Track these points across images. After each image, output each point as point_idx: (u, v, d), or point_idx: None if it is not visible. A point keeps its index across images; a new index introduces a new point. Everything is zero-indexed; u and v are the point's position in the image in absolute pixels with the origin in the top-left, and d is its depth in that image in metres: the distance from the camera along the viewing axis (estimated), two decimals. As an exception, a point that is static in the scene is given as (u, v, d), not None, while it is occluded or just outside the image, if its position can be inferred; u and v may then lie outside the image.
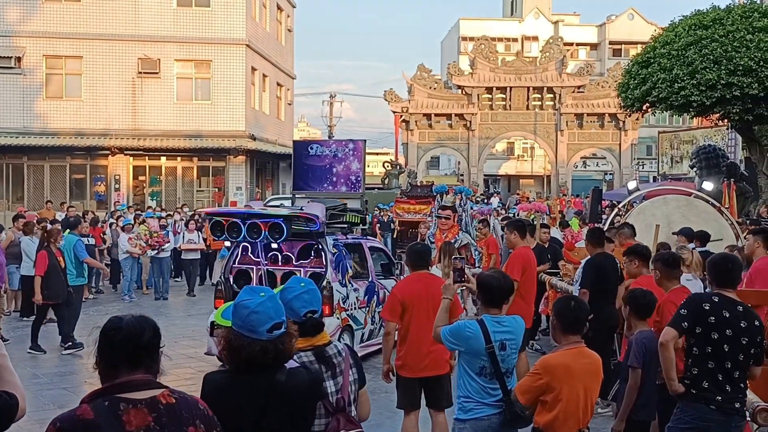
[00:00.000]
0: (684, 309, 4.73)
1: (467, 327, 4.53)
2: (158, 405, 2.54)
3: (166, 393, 2.59)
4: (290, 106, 39.62)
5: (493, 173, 55.78)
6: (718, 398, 4.64)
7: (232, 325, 3.07)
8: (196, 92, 30.29)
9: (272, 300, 3.09)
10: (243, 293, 3.15)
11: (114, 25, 28.85)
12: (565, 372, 4.24)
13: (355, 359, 3.77)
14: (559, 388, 4.21)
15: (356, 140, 12.17)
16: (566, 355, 4.31)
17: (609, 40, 59.75)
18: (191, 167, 30.58)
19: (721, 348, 4.65)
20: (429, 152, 42.80)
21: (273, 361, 3.04)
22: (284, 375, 3.09)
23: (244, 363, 3.04)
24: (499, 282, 4.64)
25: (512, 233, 8.89)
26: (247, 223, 8.78)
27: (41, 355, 10.76)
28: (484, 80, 40.85)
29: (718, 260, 5.04)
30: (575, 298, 4.66)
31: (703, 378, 4.68)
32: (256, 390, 3.02)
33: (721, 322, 4.65)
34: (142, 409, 2.50)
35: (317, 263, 9.74)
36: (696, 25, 16.88)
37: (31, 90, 28.90)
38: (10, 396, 2.75)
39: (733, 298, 4.79)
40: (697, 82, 16.15)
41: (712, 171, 19.14)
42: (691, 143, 31.90)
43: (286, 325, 3.11)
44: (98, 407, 2.47)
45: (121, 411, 2.47)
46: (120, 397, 2.50)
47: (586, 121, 41.21)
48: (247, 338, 3.01)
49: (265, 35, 33.64)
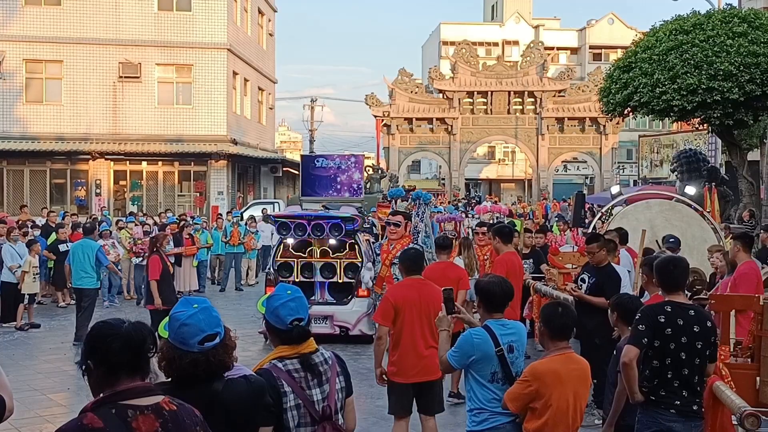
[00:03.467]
0: (641, 324, 4.71)
1: (474, 334, 4.54)
2: (163, 411, 2.54)
3: (167, 400, 2.59)
4: (272, 110, 39.56)
5: (475, 177, 55.91)
6: (677, 402, 4.71)
7: (167, 337, 3.06)
8: (177, 96, 30.15)
9: (205, 312, 3.06)
10: (178, 305, 3.14)
11: (95, 29, 28.67)
12: (555, 378, 4.24)
13: (342, 367, 3.74)
14: (548, 395, 4.21)
15: (357, 154, 14.78)
16: (555, 361, 4.31)
17: (589, 44, 60.13)
18: (172, 172, 30.41)
19: (679, 356, 4.70)
20: (410, 156, 42.82)
21: (204, 374, 3.01)
22: (221, 385, 3.06)
23: (178, 375, 3.02)
24: (501, 287, 4.66)
25: (495, 238, 8.88)
26: (312, 223, 11.25)
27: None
28: (465, 84, 40.95)
29: (662, 265, 4.99)
30: (562, 304, 4.66)
31: (660, 386, 4.73)
32: (195, 402, 2.90)
33: (677, 331, 4.68)
34: (150, 415, 2.50)
35: (352, 255, 11.69)
36: (677, 30, 16.98)
37: (11, 94, 28.65)
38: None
39: (682, 303, 4.82)
40: (678, 86, 16.23)
41: (693, 175, 19.28)
42: (671, 147, 32.12)
43: (222, 336, 3.07)
44: (106, 415, 2.44)
45: (130, 418, 2.45)
46: (126, 404, 2.48)
47: (566, 126, 41.39)
48: (179, 350, 3.00)
49: (246, 39, 33.56)
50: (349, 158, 14.26)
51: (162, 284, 10.83)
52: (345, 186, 13.60)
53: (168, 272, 11.08)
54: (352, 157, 14.42)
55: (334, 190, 13.56)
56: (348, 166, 13.74)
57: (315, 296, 11.67)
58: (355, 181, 13.67)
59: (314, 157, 14.63)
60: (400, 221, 11.18)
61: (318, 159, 14.18)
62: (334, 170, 13.65)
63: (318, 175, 13.70)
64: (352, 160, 14.03)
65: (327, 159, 14.16)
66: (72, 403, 8.49)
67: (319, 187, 13.66)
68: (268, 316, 3.62)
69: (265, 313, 3.65)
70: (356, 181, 13.69)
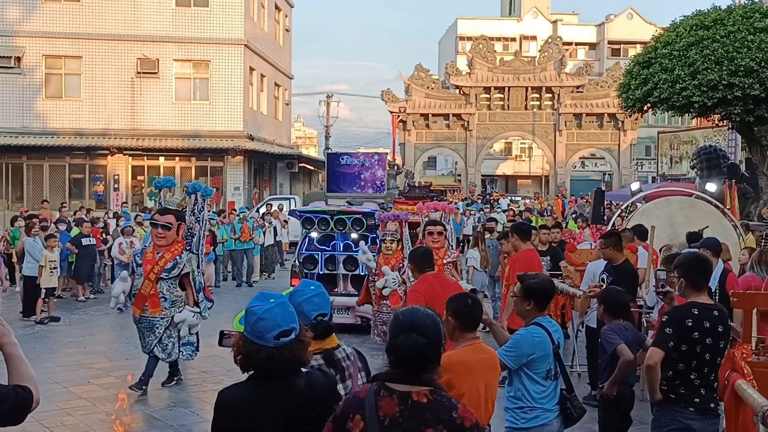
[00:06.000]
0: (669, 328, 4.68)
1: (533, 333, 4.62)
2: (408, 400, 2.78)
3: (424, 392, 2.80)
4: (288, 106, 39.59)
5: (491, 173, 55.78)
6: (696, 400, 4.72)
7: (243, 331, 3.05)
8: (194, 92, 30.27)
9: (281, 306, 3.04)
10: (254, 299, 3.12)
11: (113, 25, 28.82)
12: (465, 369, 4.23)
13: (363, 363, 3.76)
14: (459, 385, 4.18)
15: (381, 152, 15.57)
16: (464, 351, 4.30)
17: (608, 39, 59.79)
18: (189, 167, 30.53)
19: (703, 358, 4.70)
20: (426, 152, 42.77)
21: (279, 368, 2.99)
22: (302, 380, 3.06)
23: (255, 370, 3.02)
24: (552, 285, 4.90)
25: (514, 236, 8.86)
26: (334, 218, 11.66)
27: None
28: (482, 80, 40.83)
29: (693, 262, 4.93)
30: (470, 296, 4.60)
31: (681, 385, 4.73)
32: (276, 399, 2.98)
33: (703, 333, 4.67)
34: (394, 399, 2.78)
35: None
36: (697, 26, 16.84)
37: (31, 90, 28.86)
38: (24, 389, 2.76)
39: (707, 304, 4.80)
40: (699, 82, 16.11)
41: (713, 172, 19.10)
42: (690, 144, 31.87)
43: (297, 332, 3.06)
44: (369, 389, 2.85)
45: (381, 396, 2.80)
46: (385, 384, 2.82)
47: (584, 121, 41.18)
48: (255, 345, 2.98)
49: (263, 35, 33.61)
50: (373, 156, 14.79)
51: None
52: (368, 183, 14.00)
53: None
54: (376, 155, 14.96)
55: (357, 186, 13.97)
56: (372, 163, 14.17)
57: (338, 288, 12.19)
58: (378, 178, 14.04)
59: (339, 155, 15.03)
60: (170, 223, 8.65)
61: (343, 156, 14.60)
62: (358, 167, 14.05)
63: (342, 172, 14.10)
64: (376, 158, 14.50)
65: (351, 156, 14.62)
66: (93, 397, 8.54)
67: (344, 184, 14.06)
68: None
69: None
70: (379, 178, 14.06)
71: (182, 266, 8.58)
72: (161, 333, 8.62)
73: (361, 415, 2.78)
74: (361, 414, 2.78)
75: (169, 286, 8.59)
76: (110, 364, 10.28)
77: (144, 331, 8.66)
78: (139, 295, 8.56)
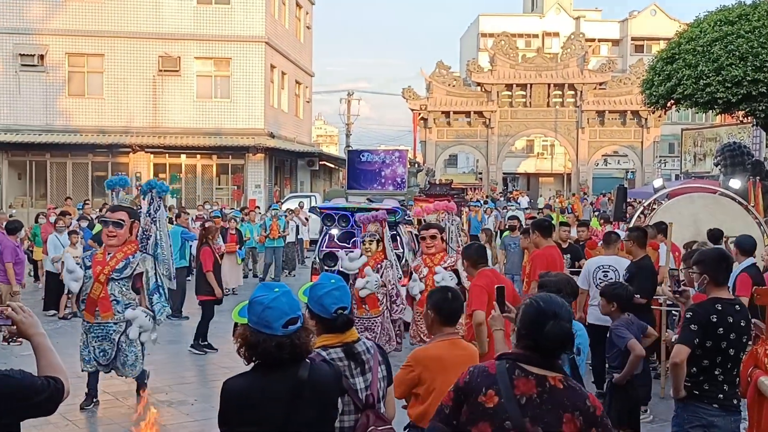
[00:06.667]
0: (693, 324, 4.64)
1: None
2: (546, 383, 2.89)
3: (559, 378, 2.92)
4: (308, 103, 39.64)
5: (512, 171, 55.52)
6: (720, 396, 4.68)
7: (248, 322, 3.06)
8: (215, 90, 30.39)
9: (287, 295, 3.07)
10: (258, 289, 3.14)
11: (135, 23, 29.01)
12: (437, 364, 4.20)
13: (383, 356, 3.77)
14: (430, 380, 4.16)
15: (401, 149, 15.36)
16: (439, 346, 4.27)
17: (631, 36, 59.27)
18: (211, 165, 30.69)
19: (728, 353, 4.66)
20: (447, 150, 42.66)
21: (289, 356, 3.00)
22: (306, 371, 3.06)
23: (261, 359, 3.02)
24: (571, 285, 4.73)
25: (535, 233, 8.80)
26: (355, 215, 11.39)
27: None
28: (503, 77, 40.65)
29: (717, 258, 4.89)
30: (451, 290, 4.55)
31: (705, 381, 4.70)
32: (280, 389, 3.00)
33: (727, 329, 4.63)
34: (532, 380, 2.89)
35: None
36: (721, 21, 16.67)
37: (54, 88, 29.12)
38: (56, 380, 2.78)
39: (729, 299, 4.78)
40: (723, 78, 15.95)
41: (737, 169, 18.84)
42: (714, 141, 31.51)
43: (302, 320, 3.09)
44: (500, 366, 2.95)
45: (515, 376, 2.90)
46: (518, 364, 2.93)
47: (607, 119, 40.91)
48: (263, 334, 2.99)
49: (284, 32, 33.68)
50: (393, 153, 14.76)
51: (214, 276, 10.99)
52: (389, 180, 14.04)
53: (218, 263, 11.24)
54: (396, 152, 14.91)
55: (378, 183, 14.02)
56: (392, 160, 14.21)
57: None
58: (398, 174, 14.06)
59: (360, 152, 15.06)
60: (122, 219, 7.87)
61: (363, 153, 14.66)
62: (379, 164, 14.12)
63: (363, 169, 14.18)
64: (396, 155, 14.49)
65: (372, 153, 14.70)
66: (115, 391, 8.59)
67: (364, 181, 14.13)
68: (312, 304, 3.62)
69: (309, 301, 3.65)
70: (400, 175, 14.08)
71: (135, 266, 7.80)
72: (117, 339, 7.75)
73: (495, 390, 2.88)
74: (495, 389, 2.88)
75: (121, 288, 7.76)
76: (132, 360, 10.34)
77: (99, 341, 7.78)
78: (89, 299, 7.79)
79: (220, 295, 11.07)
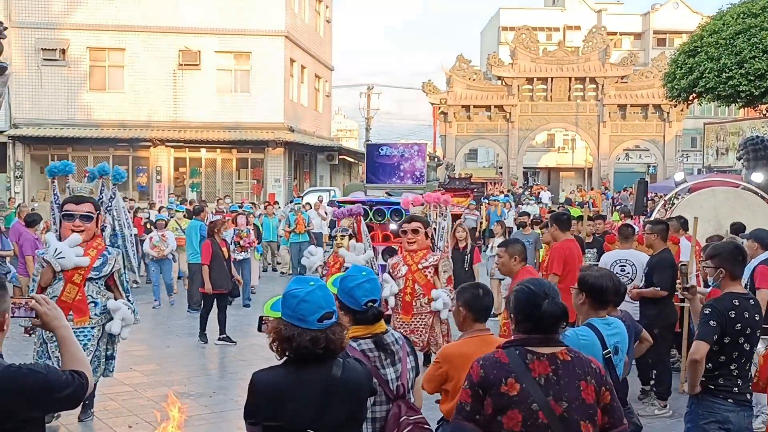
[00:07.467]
0: (712, 320, 4.57)
1: (581, 335, 4.12)
2: (557, 359, 3.08)
3: (564, 351, 3.12)
4: (328, 98, 39.65)
5: (533, 166, 55.22)
6: (734, 390, 4.66)
7: (282, 316, 3.01)
8: (235, 84, 30.47)
9: (322, 289, 3.03)
10: (292, 283, 3.11)
11: (156, 18, 29.13)
12: (464, 361, 4.05)
13: (411, 348, 3.81)
14: (458, 377, 4.09)
15: (420, 143, 15.10)
16: (467, 344, 4.22)
17: (653, 29, 58.68)
18: (230, 159, 30.81)
19: (743, 348, 4.64)
20: (467, 144, 42.46)
21: (324, 351, 2.96)
22: (340, 369, 3.03)
23: (295, 354, 2.97)
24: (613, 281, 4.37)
25: (553, 226, 8.73)
26: (374, 208, 11.48)
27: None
28: (524, 71, 40.39)
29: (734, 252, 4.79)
30: (482, 286, 4.41)
31: (720, 376, 4.66)
32: (313, 386, 2.96)
33: (744, 325, 4.60)
34: (544, 361, 3.06)
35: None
36: (744, 14, 16.49)
37: (75, 82, 29.34)
38: (80, 375, 2.79)
39: (744, 293, 4.75)
40: (746, 71, 15.80)
41: (760, 163, 18.62)
42: (737, 135, 31.09)
43: (337, 315, 3.05)
44: (511, 354, 3.10)
45: (528, 360, 3.06)
46: (527, 349, 3.09)
47: (629, 112, 40.55)
48: (298, 328, 2.95)
49: (303, 26, 33.69)
50: (412, 147, 14.71)
51: (213, 269, 10.96)
52: (408, 173, 13.98)
53: (220, 257, 11.12)
54: (415, 145, 14.86)
55: (397, 177, 13.97)
56: (411, 154, 14.14)
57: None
58: (417, 168, 13.99)
59: (379, 146, 14.97)
60: (90, 212, 7.21)
61: (382, 147, 14.56)
62: (398, 158, 14.05)
63: (382, 163, 14.12)
64: (415, 149, 14.44)
65: (391, 147, 14.57)
66: (135, 383, 8.65)
67: (383, 175, 14.07)
68: (342, 296, 3.61)
69: (339, 293, 3.62)
70: (419, 169, 14.02)
71: (113, 263, 7.17)
72: (95, 347, 7.07)
73: (515, 378, 3.02)
74: (514, 377, 3.02)
75: (98, 288, 7.11)
76: (151, 352, 10.45)
77: None
78: (59, 303, 6.43)
79: (210, 291, 10.87)
